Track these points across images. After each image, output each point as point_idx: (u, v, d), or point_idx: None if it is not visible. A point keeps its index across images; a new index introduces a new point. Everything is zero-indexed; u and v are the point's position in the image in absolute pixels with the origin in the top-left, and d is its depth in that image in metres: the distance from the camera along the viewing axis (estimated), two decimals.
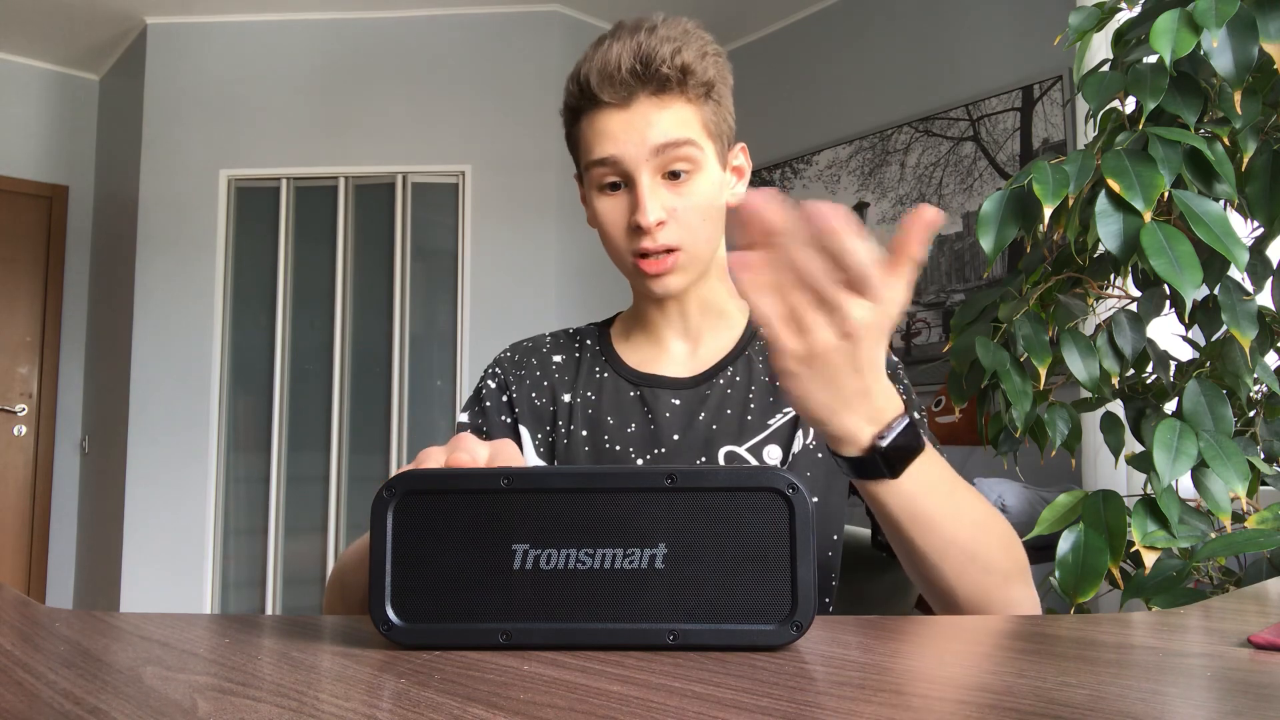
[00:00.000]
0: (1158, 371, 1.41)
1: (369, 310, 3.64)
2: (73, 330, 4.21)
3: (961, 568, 0.63)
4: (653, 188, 0.81)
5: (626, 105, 0.81)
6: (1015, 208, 1.29)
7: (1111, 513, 1.20)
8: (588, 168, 0.84)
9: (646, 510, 0.45)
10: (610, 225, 0.84)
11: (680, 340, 0.93)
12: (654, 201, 0.81)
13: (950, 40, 3.21)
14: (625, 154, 0.81)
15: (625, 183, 0.83)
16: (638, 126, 0.81)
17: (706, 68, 0.83)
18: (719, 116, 0.85)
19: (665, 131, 0.81)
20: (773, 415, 0.87)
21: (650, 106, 0.81)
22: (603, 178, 0.83)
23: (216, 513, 3.55)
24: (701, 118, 0.83)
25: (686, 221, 0.82)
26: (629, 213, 0.83)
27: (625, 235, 0.84)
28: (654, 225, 0.81)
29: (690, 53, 0.81)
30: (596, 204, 0.85)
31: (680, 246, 0.83)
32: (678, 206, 0.82)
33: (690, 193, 0.83)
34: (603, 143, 0.82)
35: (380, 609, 0.45)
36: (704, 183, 0.84)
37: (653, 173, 0.82)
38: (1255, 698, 0.35)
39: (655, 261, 0.83)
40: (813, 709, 0.34)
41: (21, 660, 0.43)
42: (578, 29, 3.74)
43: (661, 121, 0.81)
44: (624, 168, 0.82)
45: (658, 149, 0.81)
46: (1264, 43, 1.16)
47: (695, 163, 0.83)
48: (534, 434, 0.92)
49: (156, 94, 3.71)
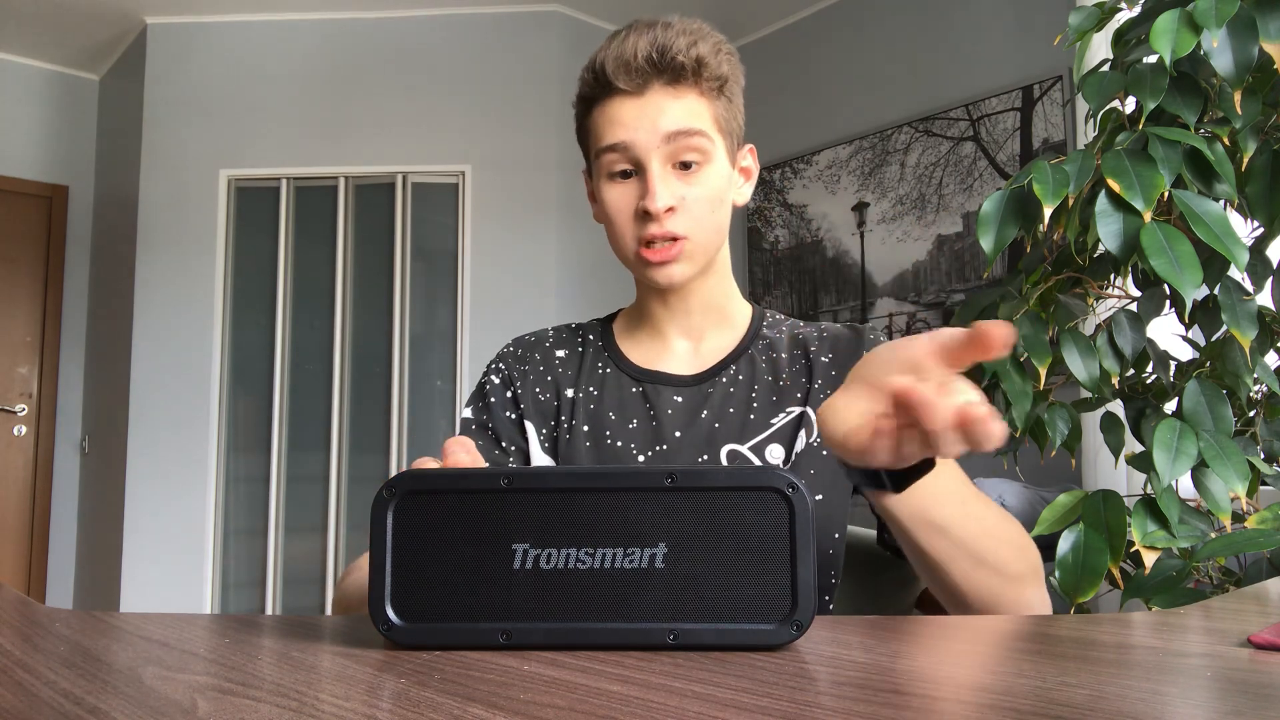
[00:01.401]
0: (1158, 371, 1.41)
1: (369, 310, 3.64)
2: (73, 330, 4.21)
3: (969, 570, 0.64)
4: (663, 175, 0.82)
5: (641, 93, 0.82)
6: (1015, 208, 1.29)
7: (1111, 513, 1.20)
8: (598, 155, 0.85)
9: (646, 510, 0.45)
10: (618, 212, 0.85)
11: (682, 338, 0.93)
12: (664, 188, 0.82)
13: (950, 40, 3.21)
14: (637, 140, 0.82)
15: (635, 170, 0.84)
16: (650, 114, 0.82)
17: (720, 63, 0.84)
18: (730, 113, 0.87)
19: (677, 120, 0.81)
20: (775, 414, 0.87)
21: (664, 95, 0.82)
22: (613, 164, 0.84)
23: (216, 513, 3.55)
24: (713, 112, 0.84)
25: (694, 212, 0.83)
26: (637, 199, 0.83)
27: (632, 222, 0.84)
28: (663, 211, 0.81)
29: (705, 47, 0.82)
30: (605, 192, 0.86)
31: (687, 235, 0.83)
32: (686, 196, 0.83)
33: (700, 183, 0.83)
34: (615, 129, 0.83)
35: (380, 609, 0.45)
36: (713, 175, 0.84)
37: (663, 161, 0.82)
38: (1255, 698, 0.35)
39: (660, 250, 0.83)
40: (813, 709, 0.34)
41: (21, 660, 0.43)
42: (578, 29, 3.74)
43: (674, 110, 0.82)
44: (635, 154, 0.82)
45: (669, 136, 0.81)
46: (1264, 43, 1.16)
47: (705, 154, 0.83)
48: (539, 429, 0.91)
49: (156, 94, 3.71)
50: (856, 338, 0.90)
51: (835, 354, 0.89)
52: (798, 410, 0.86)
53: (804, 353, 0.90)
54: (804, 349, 0.90)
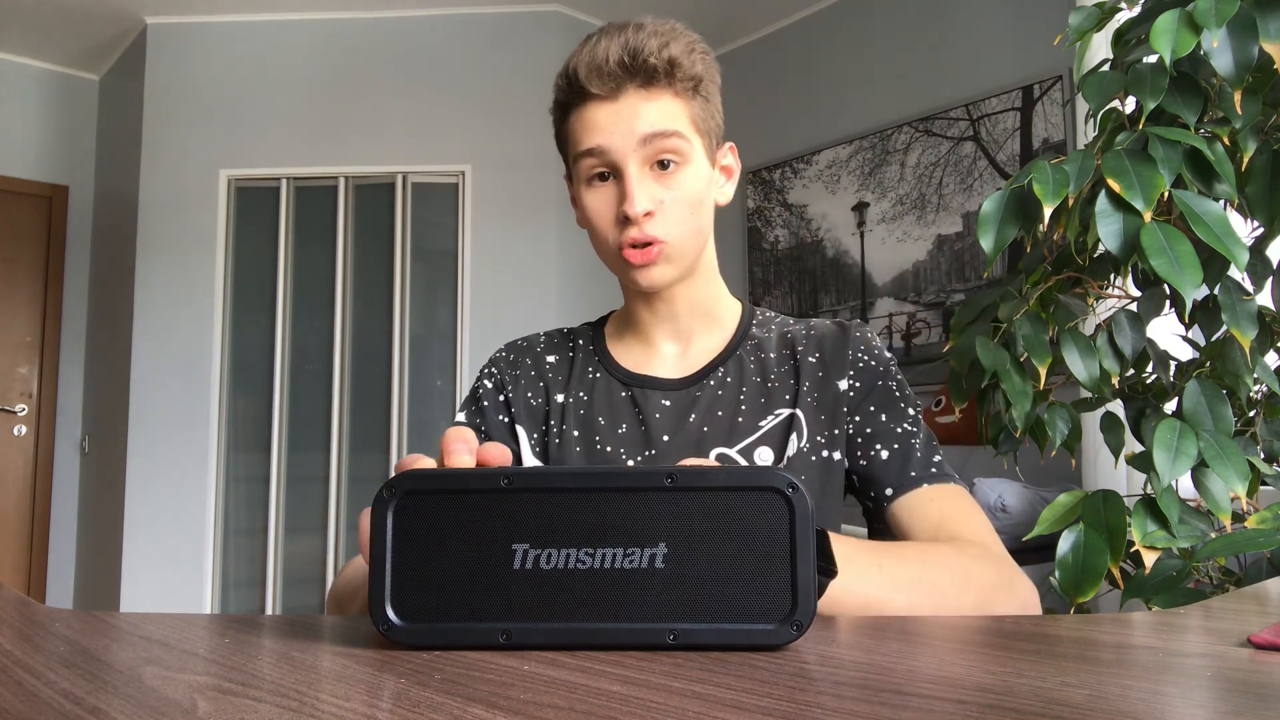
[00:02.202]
0: (1158, 371, 1.41)
1: (369, 310, 3.64)
2: (73, 330, 4.21)
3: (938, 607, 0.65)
4: (640, 178, 0.82)
5: (614, 97, 0.82)
6: (1015, 208, 1.29)
7: (1111, 513, 1.20)
8: (576, 160, 0.85)
9: (647, 510, 0.45)
10: (598, 217, 0.85)
11: (670, 341, 0.93)
12: (642, 191, 0.81)
13: (950, 40, 3.21)
14: (613, 144, 0.81)
15: (613, 174, 0.83)
16: (625, 117, 0.81)
17: (694, 63, 0.83)
18: (706, 113, 0.86)
19: (652, 122, 0.81)
20: (764, 417, 0.87)
21: (638, 98, 0.82)
22: (591, 169, 0.84)
23: (216, 513, 3.55)
24: (689, 112, 0.84)
25: (673, 215, 0.83)
26: (617, 204, 0.83)
27: (613, 227, 0.84)
28: (641, 215, 0.81)
29: (678, 47, 0.82)
30: (585, 197, 0.85)
31: (666, 239, 0.83)
32: (665, 199, 0.83)
33: (678, 185, 0.83)
34: (590, 134, 0.82)
35: (380, 609, 0.45)
36: (691, 176, 0.84)
37: (640, 163, 0.82)
38: (1255, 698, 0.35)
39: (641, 252, 0.83)
40: (813, 709, 0.34)
41: (21, 660, 0.43)
42: (577, 29, 3.74)
43: (648, 113, 0.81)
44: (611, 158, 0.82)
45: (645, 139, 0.81)
46: (1264, 43, 1.16)
47: (683, 154, 0.83)
48: (530, 433, 0.92)
49: (156, 94, 3.71)
50: (843, 334, 0.90)
51: (822, 353, 0.89)
52: (786, 413, 0.86)
53: (792, 353, 0.90)
54: (792, 349, 0.90)
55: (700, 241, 0.87)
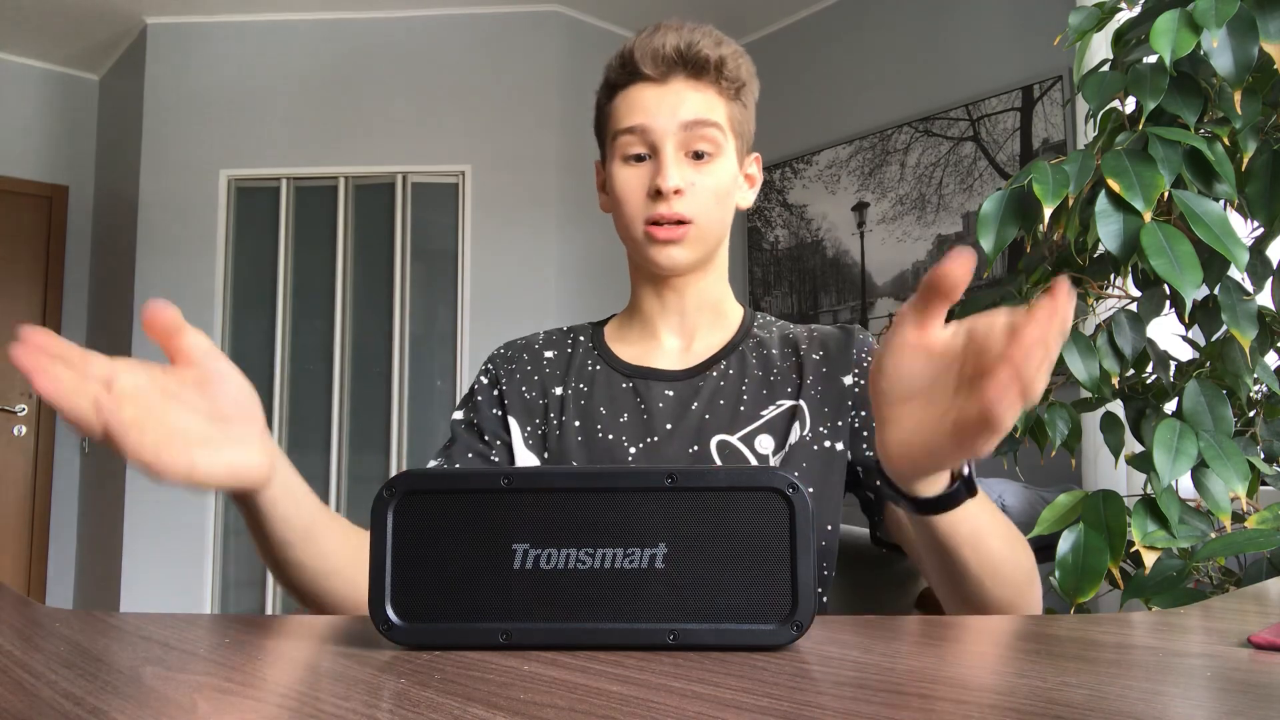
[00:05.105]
0: (1158, 371, 1.41)
1: (369, 310, 3.64)
2: (73, 330, 4.21)
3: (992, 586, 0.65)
4: (676, 159, 0.86)
5: (663, 82, 0.86)
6: (1015, 208, 1.29)
7: (1111, 513, 1.20)
8: (615, 136, 0.88)
9: (646, 510, 0.45)
10: (628, 192, 0.87)
11: (674, 336, 0.94)
12: (676, 170, 0.85)
13: (950, 40, 3.21)
14: (655, 124, 0.85)
15: (650, 154, 0.87)
16: (670, 101, 0.86)
17: (740, 67, 0.89)
18: (743, 118, 0.91)
19: (695, 110, 0.86)
20: (766, 406, 0.87)
21: (685, 86, 0.86)
22: (628, 146, 0.87)
23: (216, 513, 3.55)
24: (729, 111, 0.89)
25: (702, 199, 0.86)
26: (649, 180, 0.86)
27: (642, 202, 0.87)
28: (673, 191, 0.84)
29: (728, 50, 0.88)
30: (617, 173, 0.88)
31: (693, 220, 0.86)
32: (696, 182, 0.86)
33: (710, 173, 0.87)
34: (635, 113, 0.87)
35: (380, 609, 0.45)
36: (723, 169, 0.88)
37: (677, 147, 0.86)
38: (1255, 698, 0.35)
39: (667, 229, 0.85)
40: (813, 709, 0.34)
41: (21, 660, 0.43)
42: (578, 29, 3.74)
43: (693, 100, 0.86)
44: (651, 138, 0.86)
45: (686, 124, 0.85)
46: (1264, 43, 1.16)
47: (718, 146, 0.87)
48: (523, 426, 0.92)
49: (156, 94, 3.71)
50: (846, 337, 0.91)
51: (826, 351, 0.90)
52: (789, 404, 0.87)
53: (794, 350, 0.91)
54: (794, 347, 0.92)
55: (721, 233, 0.90)
